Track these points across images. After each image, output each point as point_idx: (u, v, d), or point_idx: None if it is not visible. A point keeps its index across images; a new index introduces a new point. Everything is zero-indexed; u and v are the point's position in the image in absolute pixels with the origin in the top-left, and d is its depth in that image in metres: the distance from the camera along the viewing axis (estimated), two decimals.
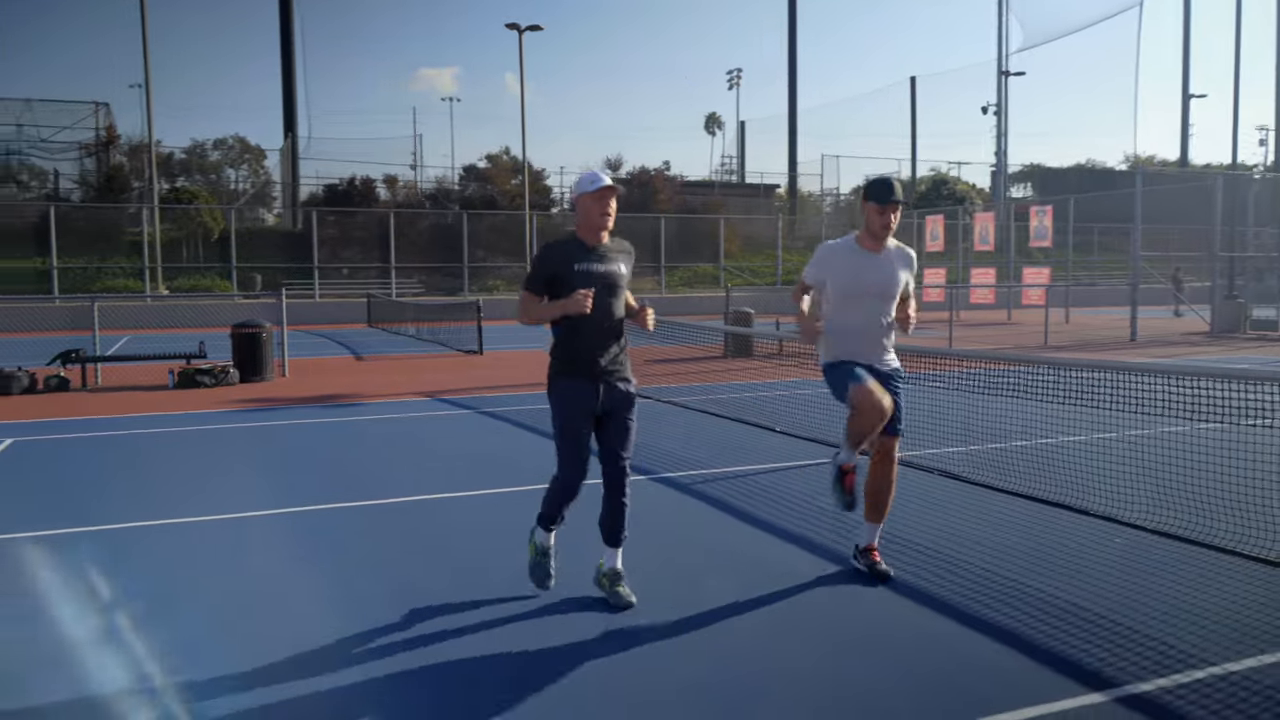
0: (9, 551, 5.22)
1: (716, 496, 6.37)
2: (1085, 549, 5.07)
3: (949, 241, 32.38)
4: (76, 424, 9.74)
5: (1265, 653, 3.71)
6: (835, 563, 4.88)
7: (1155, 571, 4.70)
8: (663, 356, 14.52)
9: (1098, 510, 5.76)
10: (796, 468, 7.24)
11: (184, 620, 4.20)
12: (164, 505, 6.21)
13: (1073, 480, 6.35)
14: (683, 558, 5.04)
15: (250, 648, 3.81)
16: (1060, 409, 7.23)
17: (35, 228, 29.96)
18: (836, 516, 5.53)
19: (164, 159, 54.05)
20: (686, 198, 45.32)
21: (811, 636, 3.95)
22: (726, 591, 4.44)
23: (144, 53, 30.62)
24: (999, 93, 48.04)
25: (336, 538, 5.48)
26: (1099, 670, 3.57)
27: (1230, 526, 5.21)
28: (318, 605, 4.37)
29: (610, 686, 3.49)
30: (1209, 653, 3.71)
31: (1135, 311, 20.82)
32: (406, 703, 3.39)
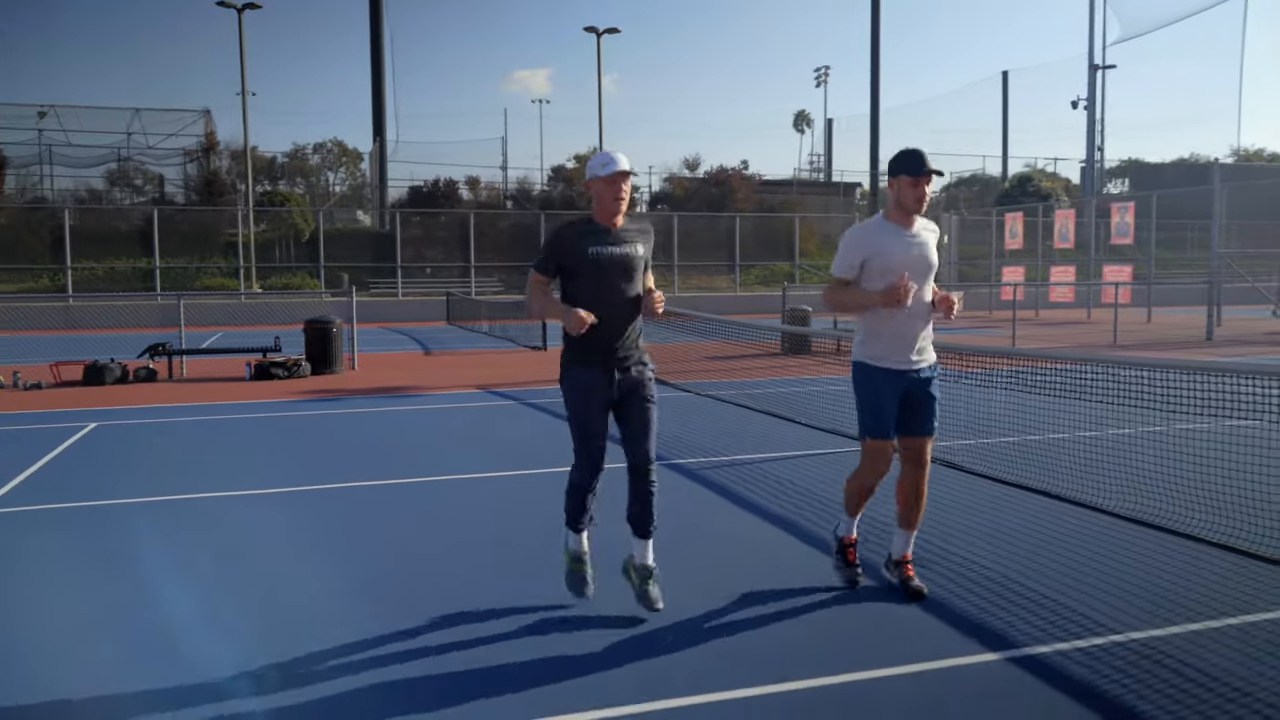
0: (67, 516, 5.92)
1: (718, 481, 6.74)
2: (1044, 529, 5.29)
3: (1028, 239, 31.84)
4: (156, 410, 10.60)
5: (1173, 624, 3.93)
6: (794, 535, 5.21)
7: (1100, 550, 4.90)
8: (720, 354, 14.88)
9: (1068, 495, 5.95)
10: (804, 456, 7.55)
11: (209, 576, 4.78)
12: (203, 480, 6.87)
13: (1054, 469, 6.52)
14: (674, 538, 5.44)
15: (289, 597, 4.36)
16: (1060, 404, 7.37)
17: (140, 230, 31.83)
18: (812, 500, 5.83)
19: (266, 163, 56.55)
20: (765, 196, 45.40)
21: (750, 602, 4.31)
22: (706, 569, 4.83)
23: (241, 61, 32.20)
24: (1090, 87, 46.83)
25: (346, 511, 6.04)
26: (1005, 633, 3.85)
27: (1180, 509, 5.36)
28: (323, 568, 4.90)
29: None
30: (1119, 621, 3.95)
31: (1211, 310, 20.30)
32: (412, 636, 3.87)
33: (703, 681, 3.46)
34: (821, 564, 4.76)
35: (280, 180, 55.22)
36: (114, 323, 24.19)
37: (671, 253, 35.98)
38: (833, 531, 4.59)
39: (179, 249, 32.27)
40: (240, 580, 4.71)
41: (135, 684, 3.51)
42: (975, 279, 35.50)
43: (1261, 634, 3.86)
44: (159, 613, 4.26)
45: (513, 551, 5.13)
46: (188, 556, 5.12)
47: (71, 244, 29.92)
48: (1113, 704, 3.28)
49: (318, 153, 66.91)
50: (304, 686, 3.48)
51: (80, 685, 3.52)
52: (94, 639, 3.98)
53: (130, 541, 5.40)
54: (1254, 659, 3.61)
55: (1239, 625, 3.95)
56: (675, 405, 10.35)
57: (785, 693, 3.39)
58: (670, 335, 14.63)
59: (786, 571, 4.73)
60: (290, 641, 3.87)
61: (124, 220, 34.28)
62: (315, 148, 66.61)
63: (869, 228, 4.34)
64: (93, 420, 9.78)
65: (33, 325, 25.42)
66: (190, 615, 4.23)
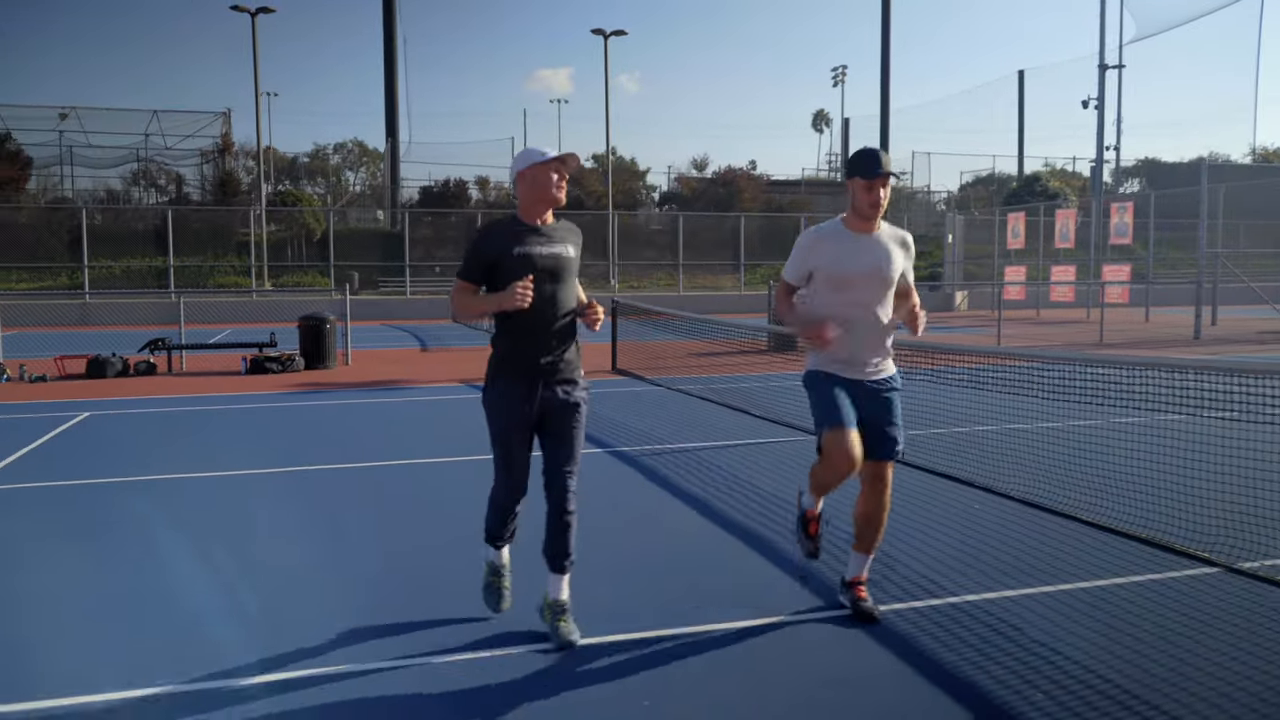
0: (48, 494, 6.44)
1: (652, 467, 7.17)
2: (930, 507, 5.68)
3: (1030, 238, 32.01)
4: (148, 402, 11.14)
5: (1008, 588, 4.33)
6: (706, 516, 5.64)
7: (970, 525, 5.29)
8: (705, 350, 15.29)
9: (977, 481, 6.34)
10: (746, 445, 7.97)
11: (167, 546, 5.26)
12: (177, 463, 7.37)
13: (970, 459, 6.91)
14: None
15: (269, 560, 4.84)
16: (999, 399, 7.73)
17: (156, 230, 32.61)
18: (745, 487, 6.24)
19: (288, 162, 57.44)
20: (773, 196, 45.70)
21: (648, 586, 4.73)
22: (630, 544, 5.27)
23: (254, 64, 32.89)
24: (1100, 87, 46.80)
25: (316, 490, 6.52)
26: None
27: (1068, 493, 5.74)
28: (292, 536, 5.37)
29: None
30: (950, 584, 4.36)
31: (1199, 310, 20.49)
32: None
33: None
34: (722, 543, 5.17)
35: (301, 180, 56.15)
36: (128, 319, 24.86)
37: (677, 252, 36.38)
38: (796, 498, 4.28)
39: (194, 248, 33.01)
40: (187, 550, 5.19)
41: (94, 653, 3.98)
42: (981, 278, 35.67)
43: (1082, 599, 4.25)
44: (117, 583, 4.74)
45: (453, 532, 5.58)
46: (149, 531, 5.60)
47: (89, 243, 30.69)
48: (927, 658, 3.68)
49: (338, 153, 67.91)
50: (277, 654, 3.94)
51: (39, 654, 4.00)
52: (48, 610, 4.46)
53: (99, 518, 5.90)
54: (1070, 619, 4.00)
55: (1074, 590, 4.34)
56: (642, 399, 10.77)
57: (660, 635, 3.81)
58: (652, 334, 15.05)
59: (688, 552, 5.15)
60: (247, 603, 4.34)
61: (141, 220, 35.10)
62: (336, 148, 67.59)
63: (822, 233, 4.03)
64: (87, 410, 10.33)
65: (50, 321, 26.15)
66: (143, 586, 4.71)
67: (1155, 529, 5.14)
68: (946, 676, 3.48)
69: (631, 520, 5.74)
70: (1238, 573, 4.54)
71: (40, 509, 6.09)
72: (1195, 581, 4.45)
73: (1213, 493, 5.37)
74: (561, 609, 3.83)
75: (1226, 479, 5.41)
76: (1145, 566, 4.68)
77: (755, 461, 7.34)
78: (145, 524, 5.69)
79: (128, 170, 39.09)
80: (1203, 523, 5.09)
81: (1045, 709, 3.20)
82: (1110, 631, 3.86)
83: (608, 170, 37.81)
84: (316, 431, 9.14)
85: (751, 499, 6.12)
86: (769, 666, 3.59)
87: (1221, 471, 5.45)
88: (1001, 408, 7.84)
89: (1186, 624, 3.93)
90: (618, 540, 5.27)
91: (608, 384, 12.50)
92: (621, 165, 53.75)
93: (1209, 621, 3.95)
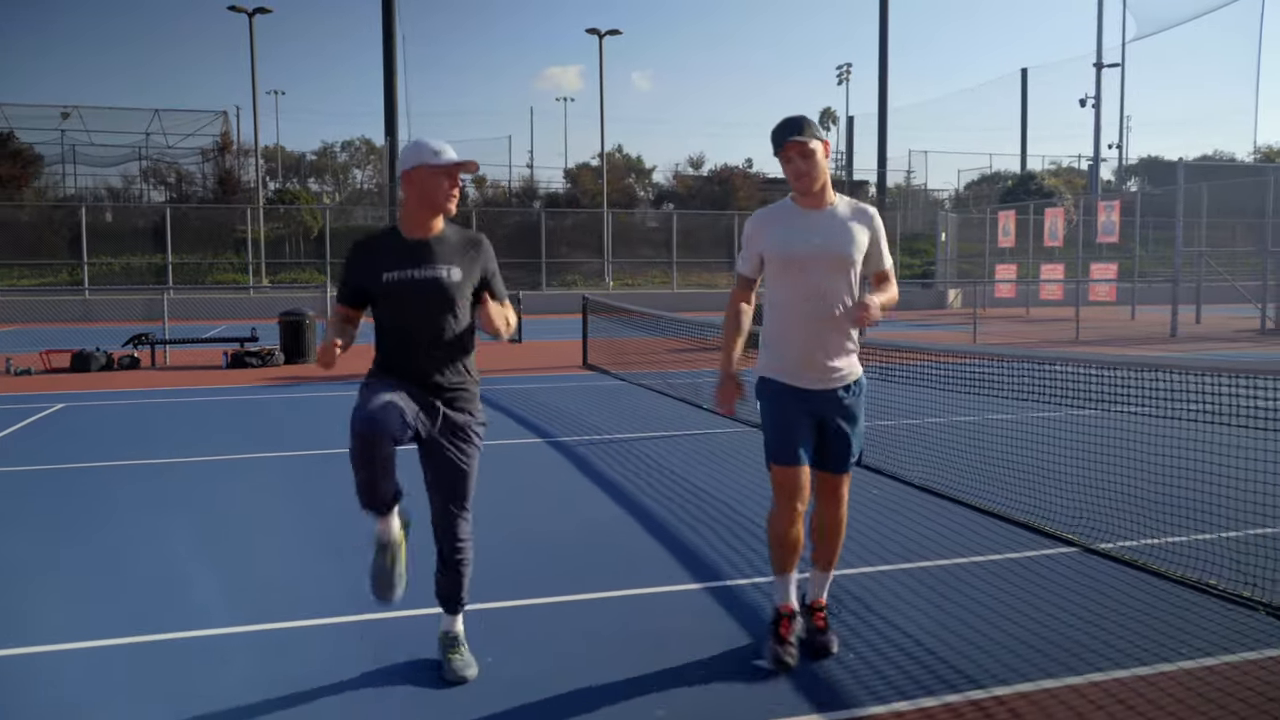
0: (13, 479, 6.81)
1: (584, 456, 7.50)
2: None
3: (1020, 237, 32.21)
4: (126, 394, 11.52)
5: (885, 563, 4.64)
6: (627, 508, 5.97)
7: (872, 510, 5.60)
8: (678, 347, 15.59)
9: (884, 469, 6.65)
10: (685, 436, 8.29)
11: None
12: (142, 449, 7.73)
13: (884, 451, 7.21)
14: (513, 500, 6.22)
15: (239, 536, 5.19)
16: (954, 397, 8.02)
17: (156, 227, 33.10)
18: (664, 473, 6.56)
19: (295, 160, 57.98)
20: (769, 194, 45.90)
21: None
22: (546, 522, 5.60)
23: (251, 63, 33.37)
24: (1096, 85, 46.86)
25: (272, 475, 6.87)
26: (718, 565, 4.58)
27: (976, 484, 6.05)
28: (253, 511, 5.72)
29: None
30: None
31: (1176, 308, 20.71)
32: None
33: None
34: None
35: (309, 178, 56.68)
36: (127, 316, 25.30)
37: (671, 250, 36.71)
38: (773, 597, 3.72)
39: (193, 245, 33.49)
40: (136, 527, 5.54)
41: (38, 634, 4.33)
42: (975, 276, 35.88)
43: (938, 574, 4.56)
44: (65, 555, 5.10)
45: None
46: (103, 512, 5.95)
47: (89, 240, 31.17)
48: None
49: (345, 150, 68.50)
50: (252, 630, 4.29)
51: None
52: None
53: (63, 501, 6.26)
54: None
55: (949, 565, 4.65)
56: (600, 393, 11.10)
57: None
58: (628, 332, 15.37)
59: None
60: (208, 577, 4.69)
61: (141, 218, 35.61)
62: (343, 145, 68.18)
63: (768, 212, 3.63)
64: (63, 402, 10.71)
65: (51, 318, 26.61)
66: (90, 555, 5.06)
67: (1027, 512, 5.44)
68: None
69: (549, 501, 6.07)
70: (1094, 553, 4.84)
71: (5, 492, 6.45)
72: (1052, 561, 4.75)
73: (1081, 479, 5.67)
74: (453, 641, 3.50)
75: (1106, 468, 5.70)
76: (1008, 546, 4.99)
77: (687, 450, 7.65)
78: (106, 505, 6.04)
79: (129, 168, 39.63)
80: (1068, 506, 5.39)
81: (868, 683, 3.51)
82: (944, 603, 4.16)
83: (603, 168, 38.12)
84: (264, 421, 9.49)
85: (669, 486, 6.44)
86: (614, 628, 3.91)
87: (1104, 461, 5.74)
88: (924, 402, 8.13)
89: (1031, 597, 4.23)
90: (531, 517, 5.60)
91: (574, 378, 12.84)
92: (627, 163, 54.15)
93: (1059, 594, 4.25)
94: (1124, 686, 3.33)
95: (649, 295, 31.94)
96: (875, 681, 3.40)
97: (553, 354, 16.09)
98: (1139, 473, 5.49)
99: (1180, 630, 3.82)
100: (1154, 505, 5.27)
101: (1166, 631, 3.80)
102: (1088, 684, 3.35)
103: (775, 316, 3.59)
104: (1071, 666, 3.49)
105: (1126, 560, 4.69)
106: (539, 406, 10.12)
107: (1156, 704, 3.19)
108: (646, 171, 54.88)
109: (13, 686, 3.45)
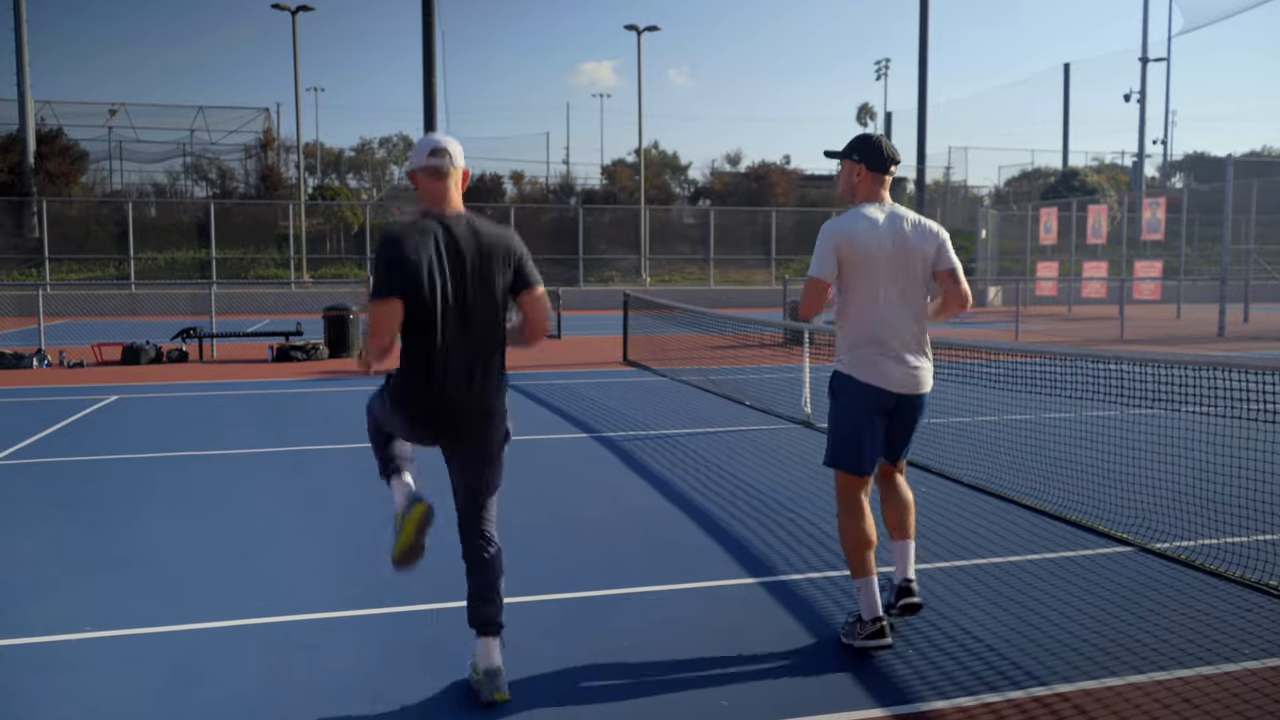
0: (69, 468, 6.98)
1: (629, 450, 7.54)
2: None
3: (1063, 234, 31.81)
4: (175, 386, 11.73)
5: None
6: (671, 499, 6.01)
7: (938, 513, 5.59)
8: (720, 343, 15.61)
9: (932, 467, 6.63)
10: (729, 432, 8.31)
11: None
12: (192, 441, 7.89)
13: (933, 449, 7.18)
14: (559, 489, 6.27)
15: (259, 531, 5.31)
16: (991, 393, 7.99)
17: (200, 223, 33.61)
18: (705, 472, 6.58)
19: (334, 157, 58.53)
20: (808, 191, 45.72)
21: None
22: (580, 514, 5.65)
23: (294, 60, 33.71)
24: (1141, 80, 46.16)
25: (300, 468, 6.99)
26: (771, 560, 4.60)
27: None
28: (280, 509, 5.84)
29: None
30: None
31: (1224, 306, 20.36)
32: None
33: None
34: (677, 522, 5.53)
35: (348, 174, 57.22)
36: (171, 310, 25.73)
37: (708, 246, 36.68)
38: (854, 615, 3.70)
39: (236, 240, 33.96)
40: (187, 517, 5.66)
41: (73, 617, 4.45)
42: (1015, 274, 35.49)
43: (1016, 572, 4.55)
44: (121, 543, 5.23)
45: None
46: (160, 500, 6.09)
47: (136, 235, 31.72)
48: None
49: (383, 146, 69.06)
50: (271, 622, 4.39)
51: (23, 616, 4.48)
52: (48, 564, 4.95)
53: (113, 489, 6.41)
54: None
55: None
56: (640, 389, 11.14)
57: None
58: (667, 328, 15.39)
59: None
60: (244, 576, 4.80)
61: (185, 213, 36.16)
62: (381, 142, 68.76)
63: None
64: (116, 394, 10.93)
65: (99, 311, 27.14)
66: (142, 543, 5.18)
67: (1080, 511, 5.41)
68: (834, 640, 3.80)
69: (597, 494, 6.12)
70: (1150, 552, 4.80)
71: (60, 481, 6.61)
72: (1109, 560, 4.72)
73: (1136, 478, 5.62)
74: (493, 675, 3.24)
75: (1162, 467, 5.64)
76: (1063, 545, 4.96)
77: (734, 447, 7.66)
78: (158, 494, 6.18)
79: (173, 165, 40.24)
80: (1122, 506, 5.34)
81: (925, 673, 3.52)
82: (1005, 601, 4.16)
83: (640, 165, 38.16)
84: (323, 416, 9.63)
85: (718, 481, 6.46)
86: (678, 621, 3.94)
87: (1160, 460, 5.68)
88: (975, 400, 8.09)
89: (1093, 597, 4.21)
90: (578, 508, 5.65)
91: (615, 374, 12.89)
92: (663, 159, 54.10)
93: (1118, 594, 4.23)
94: (1189, 686, 3.31)
95: (686, 292, 31.94)
96: (937, 677, 3.41)
97: (593, 350, 16.15)
98: (1196, 473, 5.43)
99: (1243, 630, 3.79)
100: (1211, 505, 5.21)
101: (1229, 632, 3.77)
102: (1152, 683, 3.34)
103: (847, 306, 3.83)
104: (1135, 665, 3.48)
105: (1184, 560, 4.65)
106: (583, 402, 10.18)
107: (1223, 703, 3.18)
108: (683, 168, 54.80)
109: (36, 674, 3.55)
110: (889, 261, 3.65)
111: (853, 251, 3.64)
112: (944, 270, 3.75)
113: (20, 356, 13.75)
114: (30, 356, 13.82)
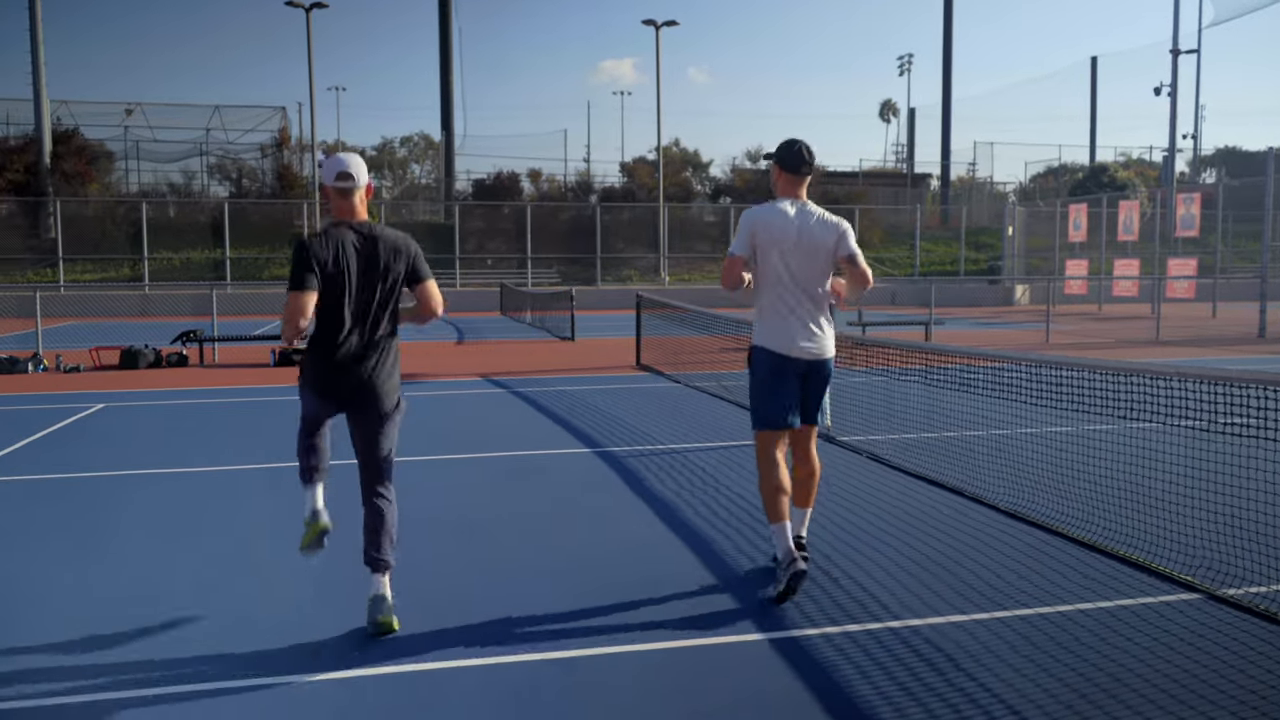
0: (28, 488, 6.48)
1: (633, 469, 6.97)
2: (903, 513, 5.38)
3: (1092, 231, 30.94)
4: (169, 394, 11.26)
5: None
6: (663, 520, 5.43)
7: (936, 535, 4.99)
8: (733, 345, 15.00)
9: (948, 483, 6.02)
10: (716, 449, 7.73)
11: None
12: (174, 459, 7.38)
13: (952, 464, 6.57)
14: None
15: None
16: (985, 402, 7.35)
17: (215, 222, 33.32)
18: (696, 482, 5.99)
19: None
20: (830, 188, 44.90)
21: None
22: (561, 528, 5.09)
23: (308, 58, 33.35)
24: (1173, 73, 45.16)
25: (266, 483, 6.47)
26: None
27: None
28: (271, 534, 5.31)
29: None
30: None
31: (1265, 306, 19.54)
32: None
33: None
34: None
35: (370, 173, 56.89)
36: (184, 310, 25.42)
37: (728, 244, 36.07)
38: (772, 556, 4.46)
39: (251, 240, 33.66)
40: (158, 546, 5.14)
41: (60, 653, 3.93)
42: (1044, 271, 34.66)
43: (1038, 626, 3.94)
44: (72, 576, 4.71)
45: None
46: (122, 528, 5.58)
47: (150, 235, 31.48)
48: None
49: (404, 145, 68.93)
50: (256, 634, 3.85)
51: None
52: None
53: (76, 513, 5.90)
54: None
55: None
56: (651, 396, 10.57)
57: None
58: (679, 330, 14.81)
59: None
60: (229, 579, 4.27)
61: (201, 213, 35.90)
62: (402, 141, 68.65)
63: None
64: (104, 402, 10.47)
65: (111, 312, 26.92)
66: (104, 574, 4.67)
67: (1133, 545, 4.78)
68: (856, 707, 3.22)
69: (586, 520, 5.55)
70: (1220, 600, 4.18)
71: (22, 502, 6.11)
72: (1171, 609, 4.10)
73: (1198, 508, 4.99)
74: (378, 603, 3.90)
75: (1229, 496, 5.01)
76: (1117, 590, 4.34)
77: (743, 462, 7.07)
78: (121, 519, 5.66)
79: (190, 164, 40.02)
80: (1183, 540, 4.72)
81: None
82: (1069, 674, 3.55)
83: (659, 161, 37.57)
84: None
85: (724, 505, 5.88)
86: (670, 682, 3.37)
87: (1227, 487, 5.05)
88: (1013, 412, 7.46)
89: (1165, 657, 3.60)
90: (565, 537, 5.09)
91: (626, 379, 12.33)
92: (684, 156, 53.50)
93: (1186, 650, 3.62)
94: None
95: (705, 291, 31.30)
96: None
97: (606, 353, 15.58)
98: (1271, 505, 4.80)
99: None
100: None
101: None
102: None
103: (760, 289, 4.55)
104: None
105: (1261, 611, 4.03)
106: (590, 412, 9.61)
107: None
108: (704, 165, 54.15)
109: None
110: (794, 247, 4.33)
111: (765, 237, 4.32)
112: (844, 256, 4.39)
113: (15, 360, 13.36)
114: (26, 360, 13.43)
